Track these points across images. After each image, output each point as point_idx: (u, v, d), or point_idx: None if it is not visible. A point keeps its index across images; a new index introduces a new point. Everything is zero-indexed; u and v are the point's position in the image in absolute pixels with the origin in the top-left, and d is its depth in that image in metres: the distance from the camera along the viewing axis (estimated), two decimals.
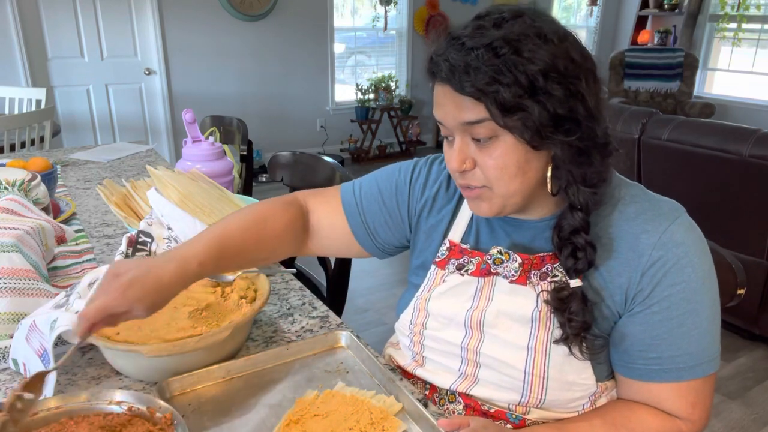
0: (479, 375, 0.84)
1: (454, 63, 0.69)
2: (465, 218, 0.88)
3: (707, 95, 6.14)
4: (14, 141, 2.63)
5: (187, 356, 0.84)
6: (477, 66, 0.67)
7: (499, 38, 0.68)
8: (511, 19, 0.70)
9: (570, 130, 0.70)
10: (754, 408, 2.15)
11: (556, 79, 0.68)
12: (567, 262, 0.76)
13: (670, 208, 0.77)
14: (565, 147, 0.71)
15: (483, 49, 0.68)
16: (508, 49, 0.67)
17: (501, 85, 0.67)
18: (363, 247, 0.97)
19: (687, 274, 0.74)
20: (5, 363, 0.90)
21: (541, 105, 0.67)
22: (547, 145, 0.71)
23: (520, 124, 0.68)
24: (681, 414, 0.77)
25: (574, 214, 0.75)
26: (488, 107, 0.68)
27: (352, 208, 0.95)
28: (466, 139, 0.74)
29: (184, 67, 4.66)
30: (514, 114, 0.68)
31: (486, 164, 0.73)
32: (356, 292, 2.97)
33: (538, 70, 0.67)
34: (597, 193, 0.75)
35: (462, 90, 0.69)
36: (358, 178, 1.00)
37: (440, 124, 0.76)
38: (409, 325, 0.90)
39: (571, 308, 0.75)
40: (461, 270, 0.85)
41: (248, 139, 2.21)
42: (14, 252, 0.99)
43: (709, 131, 2.44)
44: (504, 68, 0.67)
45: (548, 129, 0.69)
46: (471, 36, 0.69)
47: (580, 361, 0.78)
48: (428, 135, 6.24)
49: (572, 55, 0.69)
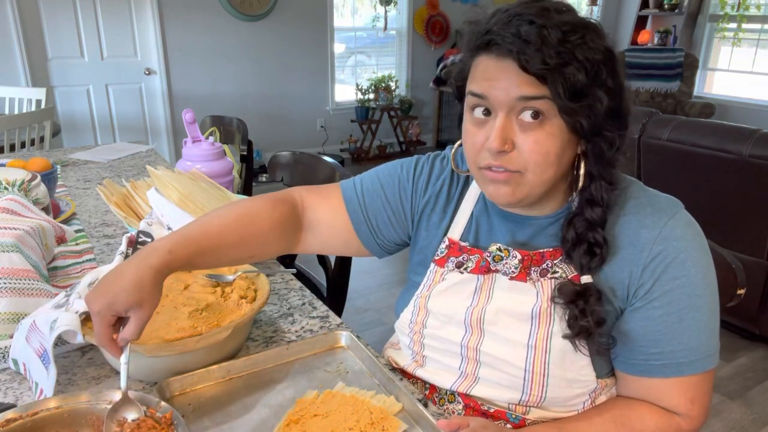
0: (479, 373, 0.84)
1: (525, 36, 0.67)
2: (464, 216, 0.88)
3: (707, 95, 6.13)
4: (14, 141, 2.63)
5: (187, 356, 0.84)
6: (550, 43, 0.66)
7: (569, 22, 0.68)
8: (569, 12, 0.71)
9: (618, 126, 0.72)
10: (754, 408, 2.15)
11: (612, 74, 0.70)
12: (582, 259, 0.76)
13: (669, 204, 0.78)
14: (607, 142, 0.72)
15: (555, 29, 0.67)
16: (578, 35, 0.67)
17: (573, 68, 0.67)
18: (364, 244, 0.95)
19: (687, 269, 0.74)
20: (5, 363, 0.90)
21: (605, 95, 0.69)
22: (596, 138, 0.72)
23: (582, 111, 0.69)
24: (680, 410, 0.77)
25: (594, 209, 0.75)
26: (555, 88, 0.67)
27: (355, 205, 0.94)
28: (510, 118, 0.71)
29: (184, 67, 4.66)
30: (581, 100, 0.68)
31: (528, 147, 0.71)
32: (356, 292, 2.97)
33: (600, 61, 0.68)
34: (614, 190, 0.76)
35: (531, 66, 0.67)
36: (358, 175, 0.98)
37: (481, 98, 0.72)
38: (409, 324, 0.89)
39: (590, 301, 0.75)
40: (461, 268, 0.85)
41: (248, 139, 2.21)
42: (14, 252, 0.99)
43: (709, 131, 2.44)
44: (576, 52, 0.67)
45: (605, 121, 0.70)
46: (539, 14, 0.68)
47: (581, 357, 0.78)
48: (428, 135, 6.24)
49: (615, 51, 0.71)
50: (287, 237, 0.90)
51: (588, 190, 0.75)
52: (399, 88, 5.73)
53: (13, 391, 0.85)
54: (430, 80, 5.87)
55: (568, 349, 0.78)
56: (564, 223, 0.78)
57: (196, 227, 0.81)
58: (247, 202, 0.89)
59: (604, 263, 0.76)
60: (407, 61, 5.91)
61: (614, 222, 0.77)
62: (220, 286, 1.02)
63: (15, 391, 0.85)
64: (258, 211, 0.87)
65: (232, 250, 0.84)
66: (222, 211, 0.86)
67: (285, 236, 0.90)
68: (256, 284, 1.01)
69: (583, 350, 0.77)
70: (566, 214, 0.80)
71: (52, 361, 0.78)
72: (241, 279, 1.03)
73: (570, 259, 0.78)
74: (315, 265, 1.53)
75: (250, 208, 0.87)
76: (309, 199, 0.95)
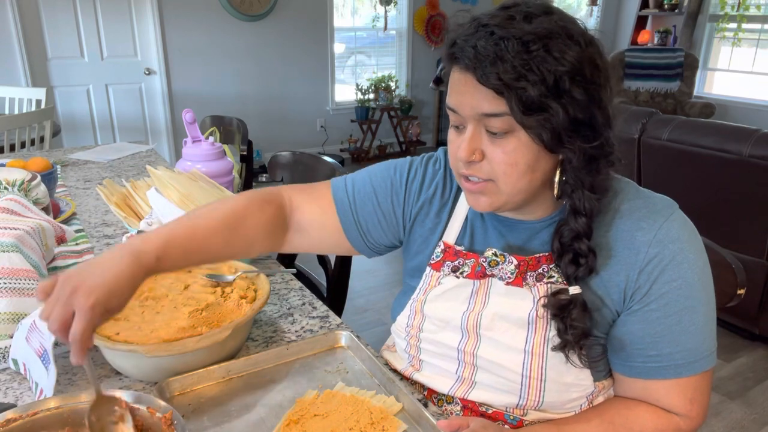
0: (476, 378, 0.84)
1: (481, 51, 0.67)
2: (459, 219, 0.87)
3: (707, 95, 6.13)
4: (14, 141, 2.63)
5: (187, 356, 0.84)
6: (505, 58, 0.65)
7: (530, 33, 0.66)
8: (542, 15, 0.68)
9: (588, 137, 0.69)
10: (754, 408, 2.15)
11: (581, 83, 0.67)
12: (568, 269, 0.75)
13: (664, 205, 0.77)
14: (578, 153, 0.70)
15: (514, 42, 0.65)
16: (539, 46, 0.65)
17: (528, 82, 0.65)
18: (353, 246, 0.94)
19: (683, 270, 0.74)
20: (5, 363, 0.90)
21: (563, 108, 0.67)
22: (561, 150, 0.70)
23: (540, 124, 0.67)
24: (679, 410, 0.77)
25: (577, 219, 0.74)
26: (510, 103, 0.66)
27: (345, 207, 0.92)
28: (479, 129, 0.72)
29: (184, 67, 4.66)
30: (536, 114, 0.67)
31: (496, 158, 0.71)
32: (356, 292, 2.97)
33: (565, 72, 0.66)
34: (600, 199, 0.74)
35: (486, 81, 0.67)
36: (349, 175, 0.96)
37: (453, 111, 0.74)
38: (406, 328, 0.89)
39: (572, 315, 0.74)
40: (456, 272, 0.85)
41: (248, 139, 2.21)
42: (14, 252, 0.99)
43: (709, 131, 2.45)
44: (533, 65, 0.65)
45: (567, 133, 0.68)
46: (501, 26, 0.67)
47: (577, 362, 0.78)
48: (428, 135, 6.24)
49: (597, 61, 0.69)
50: (273, 238, 0.90)
51: (571, 199, 0.74)
52: (399, 88, 5.73)
53: (13, 391, 0.85)
54: (430, 80, 5.87)
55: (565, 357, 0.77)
56: (553, 233, 0.78)
57: (182, 229, 0.79)
58: (233, 202, 0.86)
59: (592, 273, 0.75)
60: (407, 61, 5.91)
61: (609, 225, 0.77)
62: (220, 286, 1.02)
63: (15, 391, 0.85)
64: (245, 214, 0.85)
65: (217, 253, 0.83)
66: (208, 211, 0.84)
67: (271, 237, 0.89)
68: (256, 284, 1.01)
69: (574, 362, 0.77)
70: (559, 218, 0.80)
71: (52, 361, 0.78)
72: (241, 279, 1.03)
73: (558, 269, 0.78)
74: (315, 265, 1.53)
75: (236, 210, 0.85)
76: (297, 200, 0.93)
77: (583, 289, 0.76)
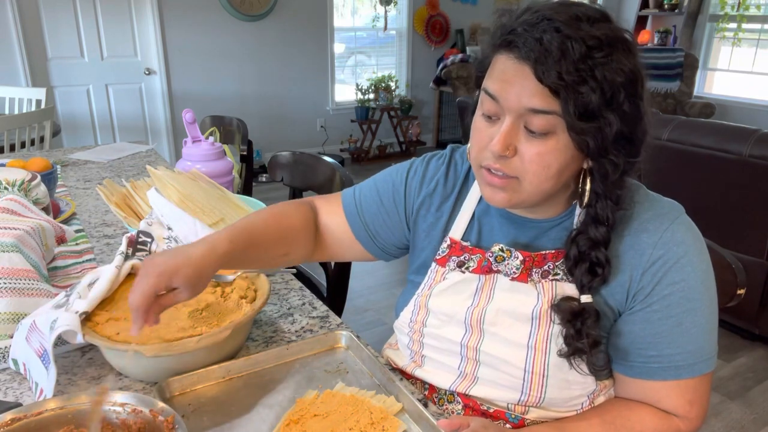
0: (478, 373, 0.84)
1: (547, 45, 0.64)
2: (466, 215, 0.88)
3: (707, 95, 6.13)
4: (14, 141, 2.63)
5: (187, 356, 0.84)
6: (570, 58, 0.63)
7: (596, 37, 0.64)
8: (603, 21, 0.67)
9: (629, 152, 0.69)
10: (754, 408, 2.15)
11: (631, 97, 0.66)
12: (584, 278, 0.75)
13: (671, 208, 0.78)
14: (612, 165, 0.69)
15: (581, 43, 0.63)
16: (604, 53, 0.64)
17: (588, 87, 0.64)
18: (367, 250, 0.98)
19: (687, 273, 0.74)
20: (5, 363, 0.90)
21: (618, 120, 0.66)
22: (602, 160, 0.69)
23: (590, 132, 0.66)
24: (679, 412, 0.77)
25: (598, 228, 0.73)
26: (566, 105, 0.65)
27: (352, 211, 0.96)
28: (517, 124, 0.69)
29: (184, 67, 4.66)
30: (591, 121, 0.65)
31: (529, 156, 0.69)
32: (356, 292, 2.97)
33: (621, 83, 0.65)
34: (621, 210, 0.74)
35: (545, 77, 0.64)
36: (360, 183, 1.01)
37: (493, 98, 0.71)
38: (409, 323, 0.89)
39: (587, 324, 0.74)
40: (462, 267, 0.85)
41: (248, 139, 2.21)
42: (14, 252, 0.99)
43: (709, 131, 2.45)
44: (597, 71, 0.64)
45: (613, 144, 0.67)
46: (567, 24, 0.65)
47: (579, 361, 0.78)
48: (428, 135, 6.24)
49: (642, 73, 0.68)
50: (312, 238, 0.95)
51: (594, 208, 0.74)
52: (399, 88, 5.73)
53: (13, 391, 0.85)
54: (430, 80, 5.87)
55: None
56: (568, 240, 0.77)
57: (241, 224, 0.85)
58: (274, 206, 0.95)
59: (605, 283, 0.75)
60: (407, 61, 5.91)
61: (617, 227, 0.77)
62: (220, 286, 1.02)
63: (15, 391, 0.85)
64: (288, 211, 0.92)
65: (274, 245, 0.89)
66: (256, 213, 0.91)
67: (311, 237, 0.95)
68: (256, 284, 1.01)
69: (578, 368, 0.77)
70: (569, 217, 0.80)
71: (52, 361, 0.78)
72: (241, 279, 1.03)
73: (571, 276, 0.77)
74: (315, 265, 1.53)
75: (281, 208, 0.93)
76: (318, 204, 1.00)
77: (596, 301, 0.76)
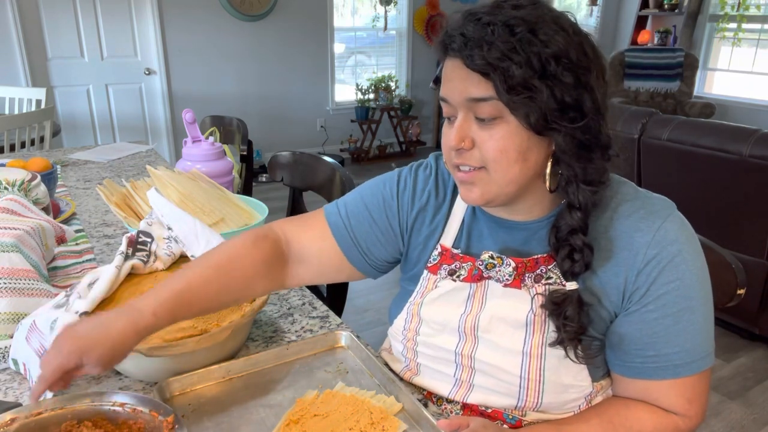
0: (474, 381, 0.84)
1: (468, 36, 0.69)
2: (456, 222, 0.87)
3: (707, 95, 6.13)
4: (14, 141, 2.63)
5: (187, 356, 0.84)
6: (491, 41, 0.67)
7: (517, 17, 0.68)
8: (529, 6, 0.70)
9: (575, 119, 0.70)
10: (754, 408, 2.15)
11: (568, 66, 0.68)
12: (564, 264, 0.75)
13: (662, 206, 0.77)
14: (567, 137, 0.70)
15: (499, 26, 0.68)
16: (525, 29, 0.67)
17: (512, 63, 0.66)
18: (356, 268, 0.93)
19: (682, 272, 0.74)
20: (5, 363, 0.90)
21: (549, 89, 0.67)
22: (549, 133, 0.70)
23: (525, 104, 0.68)
24: (678, 410, 0.77)
25: (572, 213, 0.74)
26: (496, 84, 0.68)
27: (341, 230, 0.91)
28: (468, 117, 0.73)
29: (184, 67, 4.66)
30: (521, 93, 0.67)
31: (486, 145, 0.72)
32: (356, 292, 2.97)
33: (551, 54, 0.67)
34: (597, 193, 0.74)
35: (472, 63, 0.68)
36: (340, 199, 0.95)
37: (444, 102, 0.75)
38: (402, 331, 0.89)
39: (567, 312, 0.74)
40: (453, 276, 0.84)
41: (248, 139, 2.22)
42: (14, 252, 0.99)
43: (709, 131, 2.45)
44: (518, 46, 0.67)
45: (554, 114, 0.68)
46: (489, 12, 0.70)
47: (576, 363, 0.78)
48: (428, 135, 6.24)
49: (585, 48, 0.70)
50: (273, 274, 0.88)
51: (567, 194, 0.74)
52: (399, 88, 5.73)
53: (13, 391, 0.85)
54: (430, 80, 5.87)
55: (563, 354, 0.77)
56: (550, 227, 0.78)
57: (178, 283, 0.78)
58: (226, 246, 0.86)
59: (588, 268, 0.75)
60: (407, 61, 5.91)
61: (608, 226, 0.77)
62: None
63: (15, 391, 0.85)
64: (238, 255, 0.84)
65: (216, 300, 0.81)
66: (201, 260, 0.84)
67: (271, 274, 0.87)
68: None
69: (574, 358, 0.77)
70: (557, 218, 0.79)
71: None
72: None
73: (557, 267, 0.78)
74: None
75: (229, 254, 0.84)
76: (291, 232, 0.92)
77: (581, 290, 0.76)
